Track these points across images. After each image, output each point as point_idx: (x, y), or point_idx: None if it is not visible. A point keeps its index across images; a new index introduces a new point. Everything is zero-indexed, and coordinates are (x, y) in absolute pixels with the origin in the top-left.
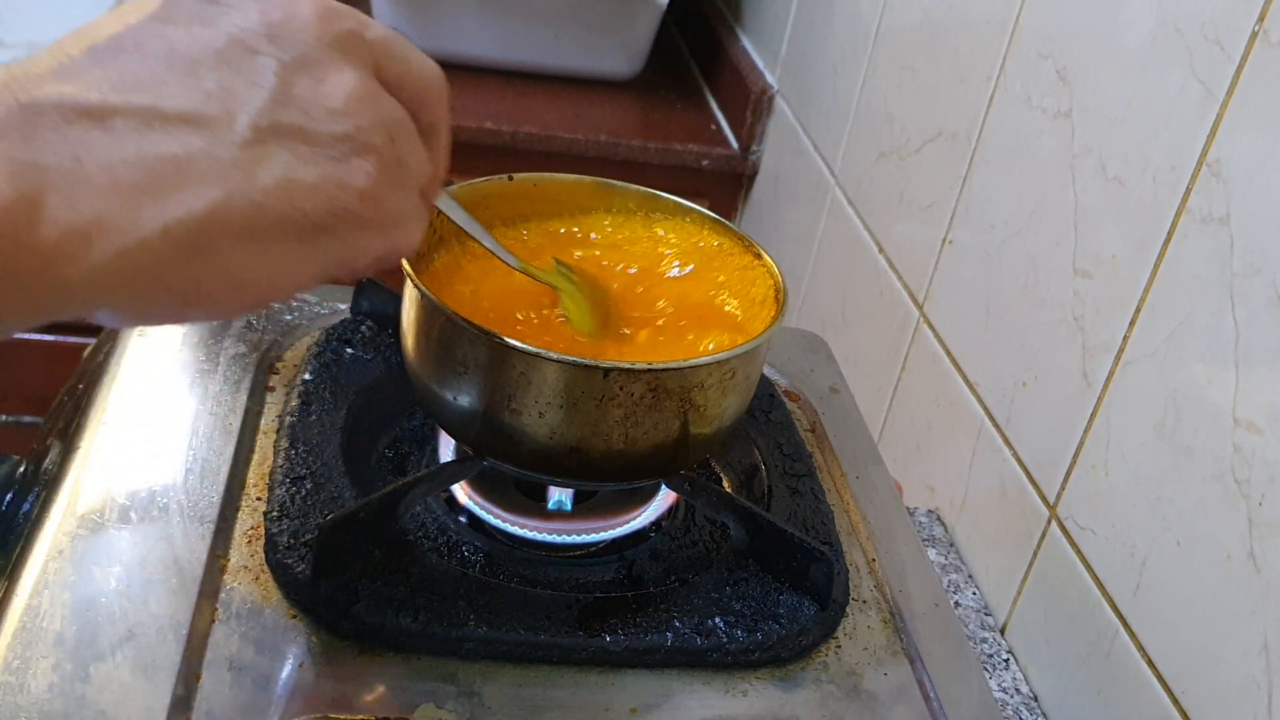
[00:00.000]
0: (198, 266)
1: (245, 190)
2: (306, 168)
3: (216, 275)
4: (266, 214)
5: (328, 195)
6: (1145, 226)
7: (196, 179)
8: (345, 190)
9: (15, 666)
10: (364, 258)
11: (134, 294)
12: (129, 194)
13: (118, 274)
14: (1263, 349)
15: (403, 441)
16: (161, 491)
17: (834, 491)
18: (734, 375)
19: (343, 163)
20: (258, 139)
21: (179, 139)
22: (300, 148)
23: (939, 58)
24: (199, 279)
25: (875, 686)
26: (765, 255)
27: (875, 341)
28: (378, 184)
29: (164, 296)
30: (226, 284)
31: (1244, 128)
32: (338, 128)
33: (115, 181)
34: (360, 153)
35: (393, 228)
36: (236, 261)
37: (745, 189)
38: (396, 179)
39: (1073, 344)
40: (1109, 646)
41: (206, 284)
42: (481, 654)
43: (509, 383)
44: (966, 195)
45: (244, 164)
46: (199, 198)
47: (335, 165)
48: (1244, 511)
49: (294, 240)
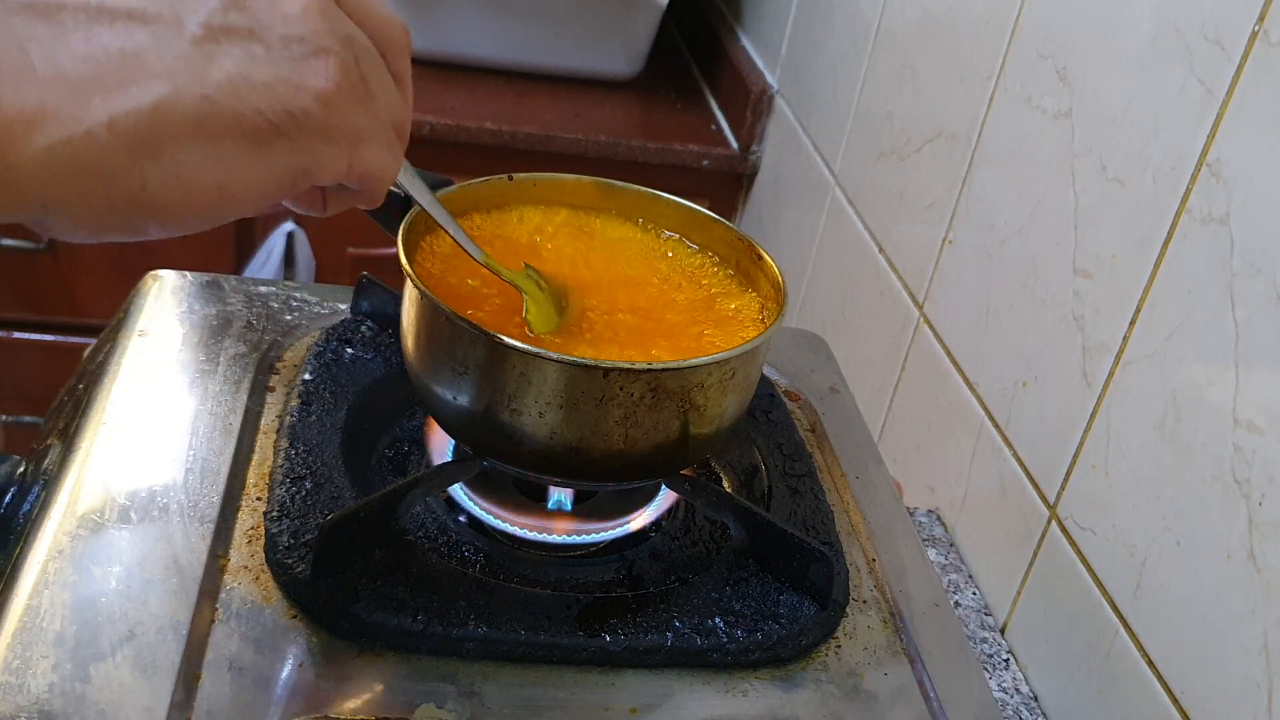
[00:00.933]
0: (145, 164)
1: (195, 86)
2: (260, 66)
3: (165, 174)
4: (217, 110)
5: (282, 94)
6: (1145, 226)
7: (145, 74)
8: (301, 90)
9: (15, 666)
10: (323, 171)
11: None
12: (75, 86)
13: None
14: (1263, 349)
15: (403, 441)
16: (161, 491)
17: (834, 491)
18: (734, 375)
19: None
20: (208, 37)
21: (126, 34)
22: (254, 47)
23: (939, 58)
24: (146, 178)
25: (875, 686)
26: (765, 255)
27: (875, 341)
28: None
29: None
30: (176, 185)
31: (1244, 128)
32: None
33: (60, 73)
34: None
35: (356, 143)
36: (185, 161)
37: (745, 189)
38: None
39: (1073, 344)
40: (1109, 646)
41: (155, 184)
42: (481, 654)
43: (509, 383)
44: (966, 195)
45: (194, 60)
46: (146, 91)
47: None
48: (1244, 511)
49: (247, 142)
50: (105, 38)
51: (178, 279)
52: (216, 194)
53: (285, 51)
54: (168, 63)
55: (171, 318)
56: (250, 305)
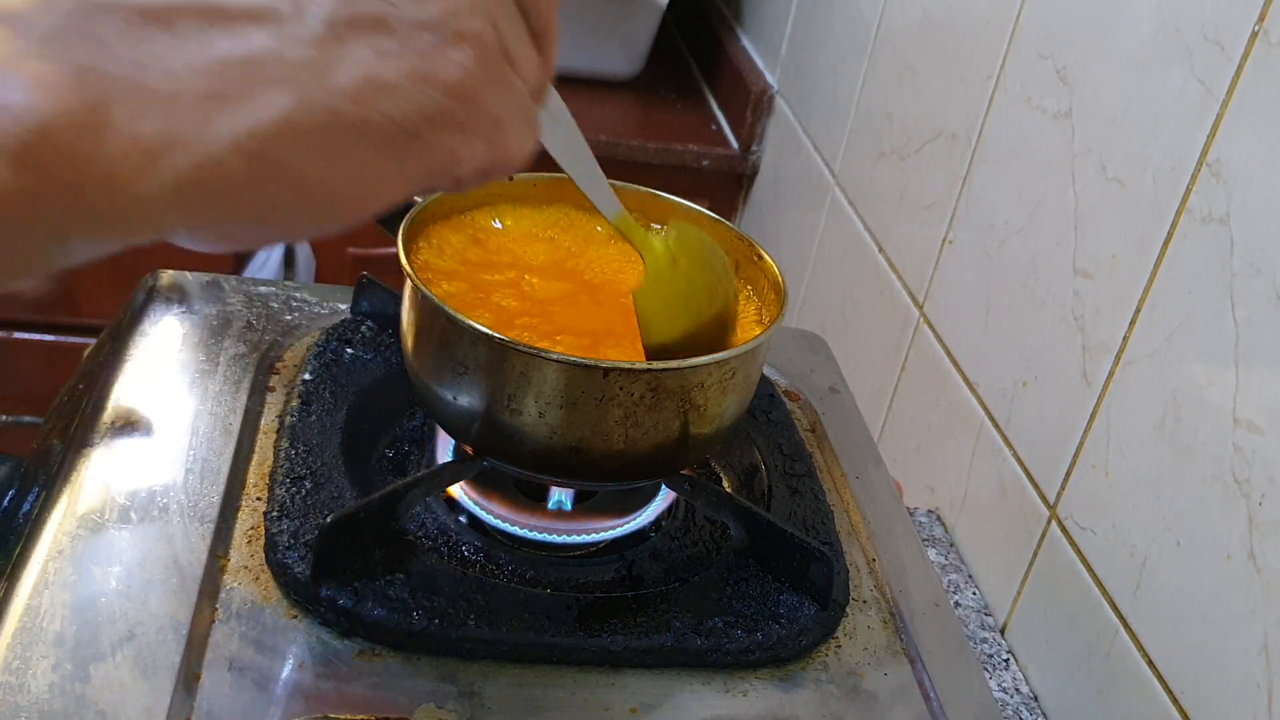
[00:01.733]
0: (271, 181)
1: (320, 95)
2: (388, 63)
3: (292, 190)
4: (343, 122)
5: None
6: (1145, 226)
7: (266, 83)
8: (434, 86)
9: (15, 666)
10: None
11: (207, 212)
12: (196, 104)
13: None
14: (1263, 349)
15: (403, 441)
16: (161, 491)
17: (834, 491)
18: (734, 375)
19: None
20: (332, 35)
21: (245, 39)
22: (382, 40)
23: (939, 58)
24: (274, 194)
25: (875, 686)
26: (765, 255)
27: (875, 341)
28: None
29: (239, 214)
30: (303, 199)
31: (1244, 128)
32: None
33: (180, 90)
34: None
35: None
36: (313, 174)
37: (745, 189)
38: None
39: (1073, 344)
40: (1109, 646)
41: (283, 200)
42: (481, 654)
43: (509, 383)
44: (966, 195)
45: (317, 63)
46: (270, 105)
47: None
48: (1244, 511)
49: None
50: (225, 45)
51: (178, 279)
52: (347, 204)
53: (417, 40)
54: (289, 70)
55: (171, 318)
56: (250, 305)
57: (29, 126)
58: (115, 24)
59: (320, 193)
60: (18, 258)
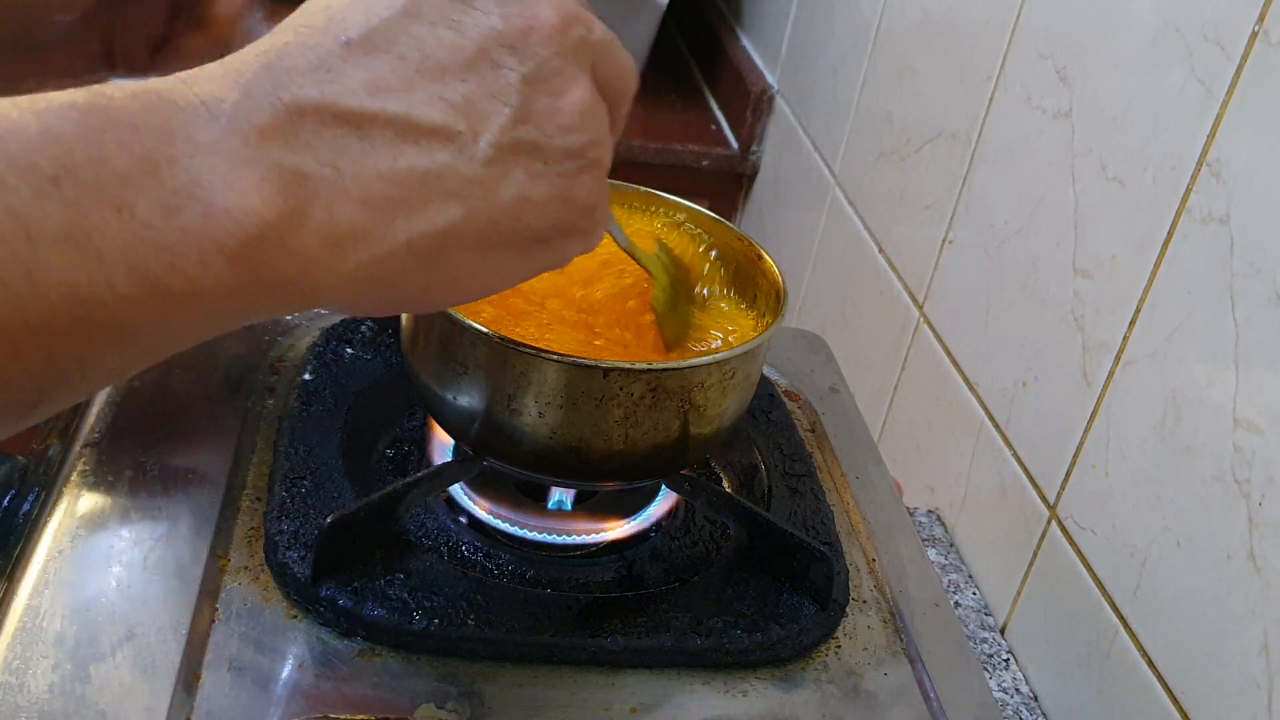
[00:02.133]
0: (430, 274)
1: (484, 209)
2: (539, 185)
3: (444, 281)
4: (500, 230)
5: (556, 212)
6: (1145, 226)
7: (442, 195)
8: (571, 206)
9: (15, 666)
10: (565, 261)
11: (370, 295)
12: (382, 207)
13: (362, 280)
14: (1263, 349)
15: (403, 441)
16: (161, 492)
17: (834, 491)
18: (734, 375)
19: (572, 179)
20: (499, 156)
21: (428, 153)
22: (535, 165)
23: (939, 58)
24: (429, 284)
25: (875, 686)
26: (765, 255)
27: (875, 341)
28: (598, 198)
29: (394, 298)
30: (450, 289)
31: (1244, 128)
32: (571, 143)
33: (370, 194)
34: (588, 169)
35: (591, 232)
36: (464, 270)
37: (745, 189)
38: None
39: (1073, 344)
40: (1109, 646)
41: (434, 289)
42: (481, 654)
43: (509, 383)
44: (966, 195)
45: (485, 181)
46: (444, 214)
47: (565, 181)
48: (1244, 511)
49: (516, 250)
50: (411, 156)
51: None
52: (480, 292)
53: (561, 167)
54: (462, 185)
55: None
56: None
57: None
58: (314, 126)
59: (464, 285)
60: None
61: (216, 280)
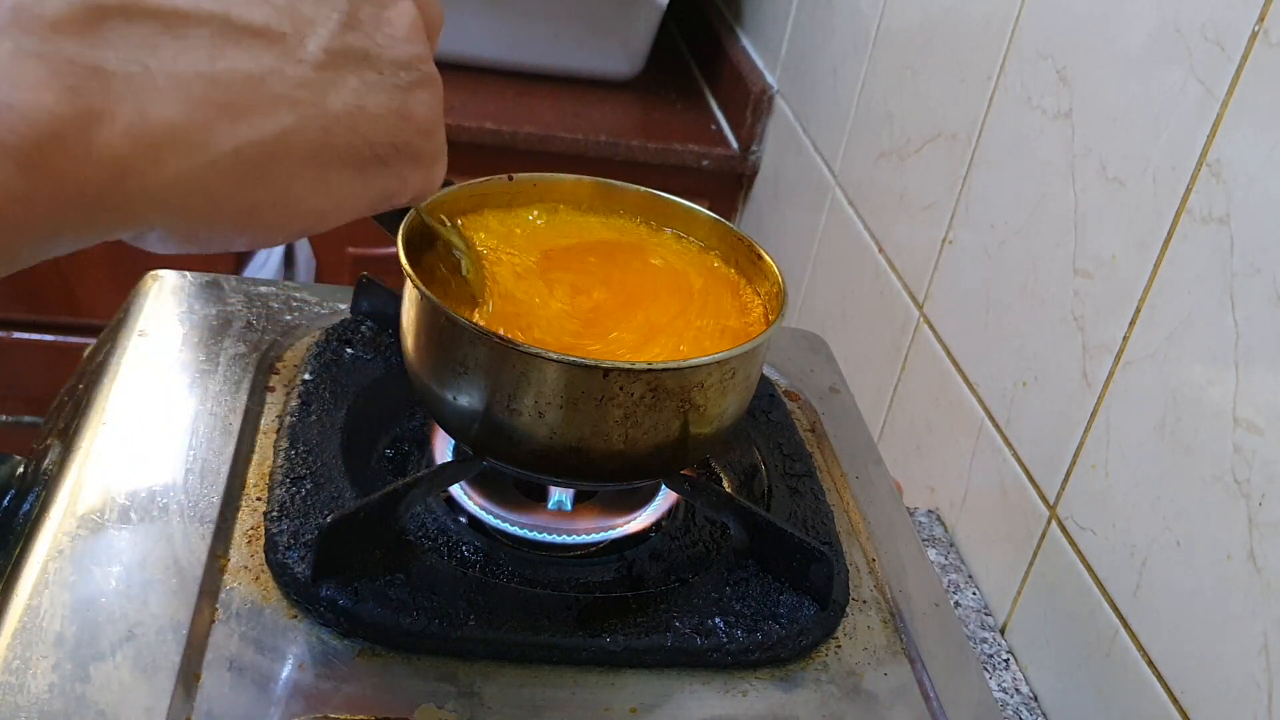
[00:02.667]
0: (260, 190)
1: (316, 116)
2: (374, 95)
3: (275, 200)
4: (333, 142)
5: (391, 126)
6: (1145, 226)
7: (270, 99)
8: (409, 124)
9: (15, 666)
10: (405, 193)
11: (192, 214)
12: (203, 107)
13: (182, 192)
14: (1263, 349)
15: (403, 441)
16: (161, 491)
17: (834, 491)
18: (734, 375)
19: (407, 92)
20: (329, 61)
21: (251, 54)
22: (368, 74)
23: (939, 58)
24: (259, 202)
25: (875, 686)
26: (765, 255)
27: (875, 341)
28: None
29: (221, 218)
30: (283, 210)
31: (1244, 128)
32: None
33: (187, 94)
34: (422, 85)
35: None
36: (297, 188)
37: (745, 189)
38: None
39: (1073, 344)
40: (1109, 646)
41: (264, 208)
42: (481, 654)
43: (509, 383)
44: (966, 195)
45: (316, 86)
46: (272, 119)
47: (401, 94)
48: (1244, 511)
49: (353, 169)
50: (232, 57)
51: (178, 279)
52: (315, 217)
53: (395, 79)
54: (291, 90)
55: (171, 318)
56: (250, 305)
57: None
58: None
59: (297, 205)
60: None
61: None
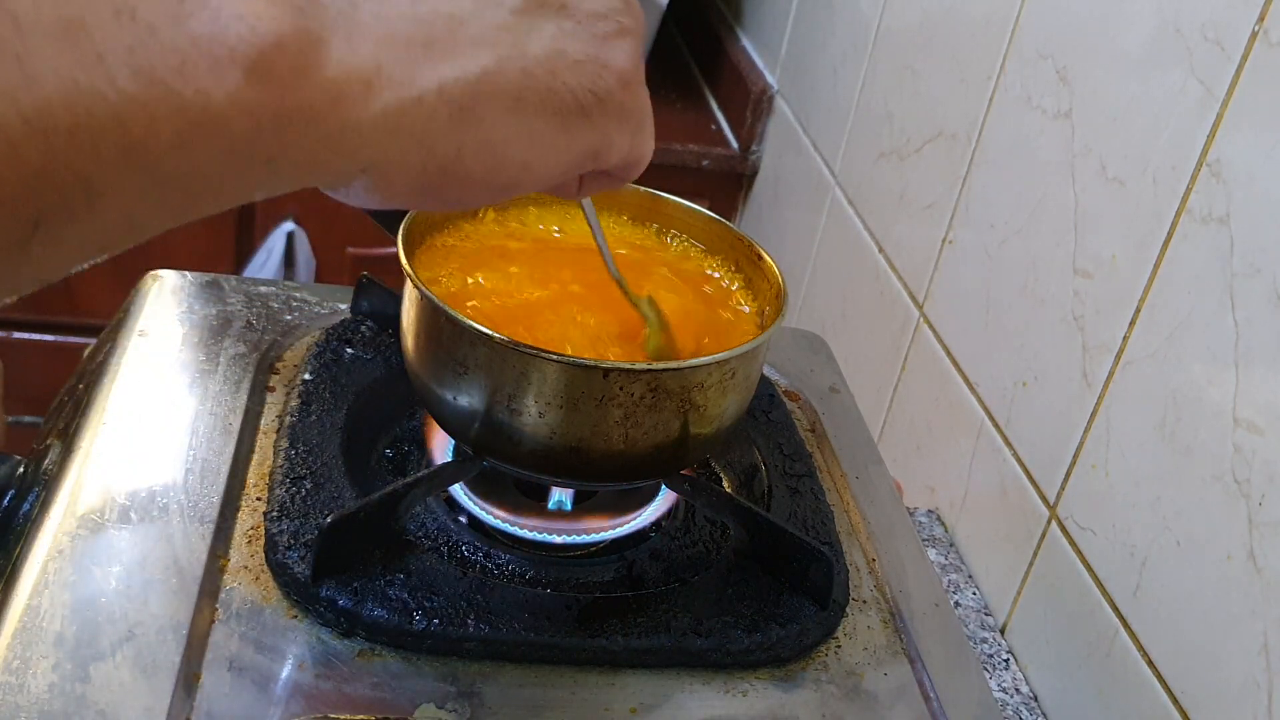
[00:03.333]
0: (464, 132)
1: (516, 57)
2: (572, 41)
3: (480, 145)
4: (534, 84)
5: (591, 72)
6: (1145, 226)
7: (469, 40)
8: (607, 70)
9: (15, 666)
10: (611, 153)
11: (402, 155)
12: (405, 47)
13: (391, 129)
14: (1263, 349)
15: (403, 441)
16: (161, 491)
17: (834, 491)
18: (734, 375)
19: (605, 41)
20: (527, 8)
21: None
22: (565, 22)
23: (939, 58)
24: (463, 147)
25: (875, 686)
26: (765, 255)
27: (875, 341)
28: (635, 70)
29: (427, 163)
30: (486, 156)
31: (1244, 128)
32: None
33: (393, 32)
34: (620, 34)
35: (639, 126)
36: (500, 132)
37: (745, 189)
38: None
39: (1073, 344)
40: (1109, 646)
41: (468, 153)
42: (481, 654)
43: (509, 383)
44: (966, 195)
45: (514, 30)
46: (473, 59)
47: (599, 43)
48: (1244, 511)
49: (555, 119)
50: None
51: (178, 279)
52: (520, 169)
53: (592, 28)
54: (490, 31)
55: (171, 318)
56: (250, 305)
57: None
58: None
59: (501, 152)
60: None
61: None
